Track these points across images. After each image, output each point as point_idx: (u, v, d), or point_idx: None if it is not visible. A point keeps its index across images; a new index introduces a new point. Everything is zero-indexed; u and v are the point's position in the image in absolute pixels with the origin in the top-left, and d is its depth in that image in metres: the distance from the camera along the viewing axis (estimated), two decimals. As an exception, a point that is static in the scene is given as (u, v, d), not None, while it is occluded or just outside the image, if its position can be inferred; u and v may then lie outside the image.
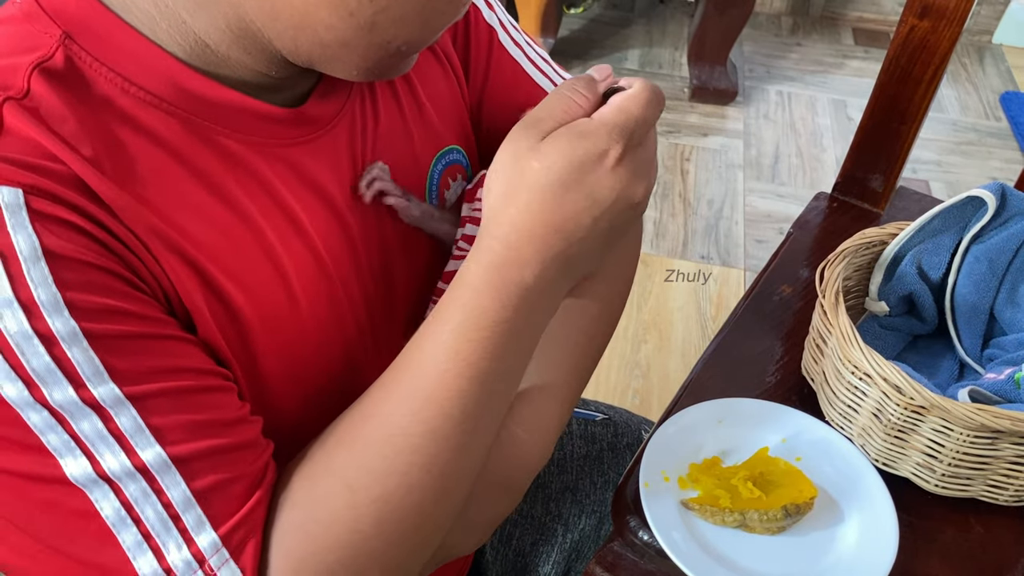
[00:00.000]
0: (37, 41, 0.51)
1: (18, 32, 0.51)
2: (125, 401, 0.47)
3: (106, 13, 0.52)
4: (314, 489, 0.52)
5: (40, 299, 0.45)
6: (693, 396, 0.80)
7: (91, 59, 0.52)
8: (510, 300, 0.54)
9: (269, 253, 0.58)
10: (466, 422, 0.54)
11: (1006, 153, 2.61)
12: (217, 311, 0.55)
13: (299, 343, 0.60)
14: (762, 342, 0.88)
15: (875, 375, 0.70)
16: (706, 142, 2.57)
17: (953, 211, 0.82)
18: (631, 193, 0.55)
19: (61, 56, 0.51)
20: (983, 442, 0.69)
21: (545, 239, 0.53)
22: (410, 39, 0.54)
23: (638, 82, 0.56)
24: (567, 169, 0.52)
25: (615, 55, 2.91)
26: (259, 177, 0.58)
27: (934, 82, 0.97)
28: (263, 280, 0.58)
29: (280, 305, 0.59)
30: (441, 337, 0.54)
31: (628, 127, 0.53)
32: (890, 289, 0.84)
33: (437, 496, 0.55)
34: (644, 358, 1.93)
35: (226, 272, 0.55)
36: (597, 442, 0.96)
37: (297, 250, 0.60)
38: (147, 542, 0.47)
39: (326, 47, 0.53)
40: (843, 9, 3.18)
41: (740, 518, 0.68)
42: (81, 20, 0.52)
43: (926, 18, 0.94)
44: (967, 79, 2.93)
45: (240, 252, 0.56)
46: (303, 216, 0.60)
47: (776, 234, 2.26)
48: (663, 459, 0.72)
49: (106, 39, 0.52)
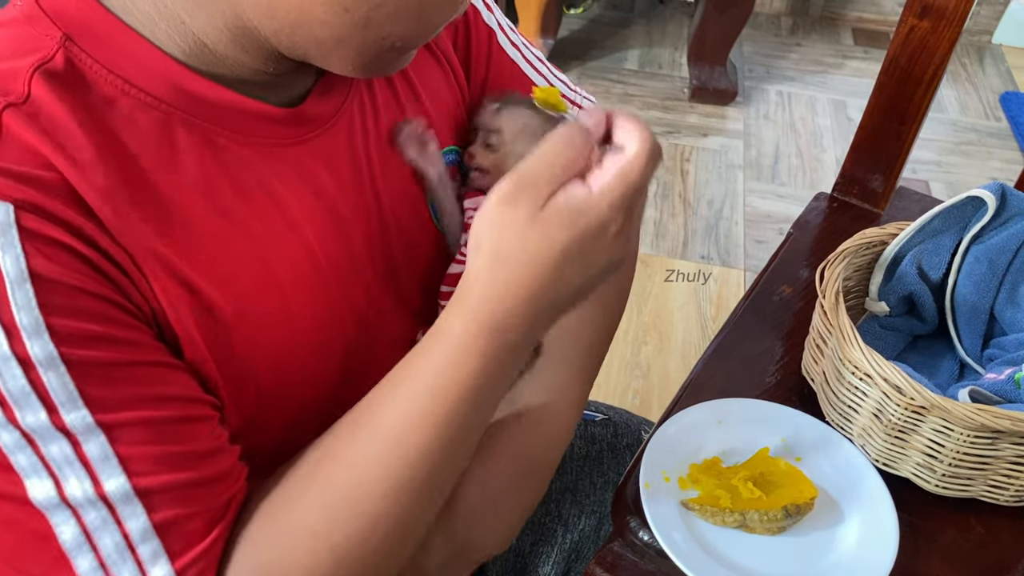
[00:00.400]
0: (38, 43, 0.51)
1: (19, 34, 0.51)
2: (96, 429, 0.47)
3: (106, 15, 0.52)
4: (274, 529, 0.53)
5: (21, 322, 0.45)
6: (693, 396, 0.80)
7: (91, 61, 0.52)
8: (495, 359, 0.53)
9: (263, 257, 0.58)
10: (432, 475, 0.54)
11: (1006, 153, 2.61)
12: (207, 326, 0.55)
13: (293, 348, 0.60)
14: (762, 342, 0.88)
15: (875, 375, 0.70)
16: (706, 142, 2.57)
17: (953, 211, 0.82)
18: (624, 252, 0.54)
19: (61, 58, 0.51)
20: (983, 442, 0.69)
21: (538, 307, 0.52)
22: (406, 35, 0.54)
23: (637, 137, 0.52)
24: (568, 245, 0.51)
25: (615, 55, 2.91)
26: (258, 178, 0.58)
27: (934, 82, 0.97)
28: (256, 286, 0.57)
29: (272, 310, 0.58)
30: (417, 389, 0.53)
31: (628, 197, 0.52)
32: (890, 289, 0.84)
33: (396, 542, 0.55)
34: (644, 359, 1.93)
35: (218, 282, 0.55)
36: (597, 442, 0.95)
37: (293, 252, 0.60)
38: (102, 570, 0.48)
39: (322, 44, 0.53)
40: (843, 9, 3.18)
41: (740, 518, 0.68)
42: (81, 22, 0.52)
43: (926, 18, 0.94)
44: (967, 79, 2.93)
45: (233, 257, 0.56)
46: (301, 217, 0.60)
47: (776, 234, 2.26)
48: (663, 459, 0.72)
49: (106, 41, 0.52)
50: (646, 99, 2.72)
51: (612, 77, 2.80)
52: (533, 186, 0.51)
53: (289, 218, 0.59)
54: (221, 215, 0.56)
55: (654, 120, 2.63)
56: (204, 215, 0.55)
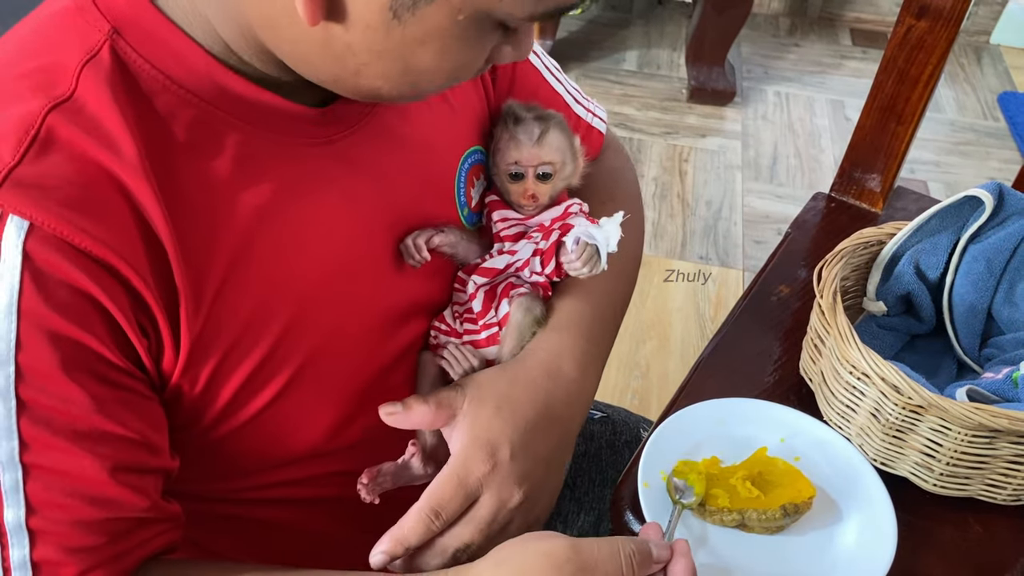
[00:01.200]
0: (86, 35, 0.52)
1: (70, 24, 0.53)
2: (17, 464, 0.50)
3: (153, 10, 0.54)
4: None
5: None
6: (692, 396, 0.80)
7: (136, 55, 0.53)
8: None
9: (298, 257, 0.60)
10: None
11: (1004, 153, 2.61)
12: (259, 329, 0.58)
13: (328, 346, 0.62)
14: (760, 342, 0.88)
15: (873, 375, 0.70)
16: (704, 143, 2.57)
17: (951, 211, 0.82)
18: None
19: (108, 51, 0.52)
20: (981, 441, 0.69)
21: None
22: (397, 94, 0.56)
23: None
24: None
25: (613, 56, 2.91)
26: (289, 176, 0.59)
27: (932, 82, 0.97)
28: (292, 286, 0.59)
29: (298, 310, 0.60)
30: None
31: None
32: (888, 289, 0.84)
33: None
34: (643, 358, 1.93)
35: (271, 285, 0.58)
36: (595, 440, 0.96)
37: (322, 251, 0.61)
38: None
39: (322, 80, 0.55)
40: (840, 10, 3.18)
41: (739, 518, 0.68)
42: (129, 16, 0.53)
43: (923, 18, 0.94)
44: (965, 79, 2.93)
45: (255, 263, 0.58)
46: (329, 216, 0.61)
47: (774, 234, 2.26)
48: (662, 459, 0.72)
49: (151, 35, 0.53)
50: (644, 100, 2.72)
51: (611, 78, 2.80)
52: (590, 572, 0.54)
53: (319, 217, 0.60)
54: (257, 214, 0.57)
55: (652, 121, 2.63)
56: (244, 215, 0.57)
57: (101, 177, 0.50)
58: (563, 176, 0.71)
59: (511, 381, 0.66)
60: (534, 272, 0.71)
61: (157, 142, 0.53)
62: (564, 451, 0.70)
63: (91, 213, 0.50)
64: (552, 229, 0.70)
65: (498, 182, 0.73)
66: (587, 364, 0.71)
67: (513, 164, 0.70)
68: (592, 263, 0.67)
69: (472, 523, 0.61)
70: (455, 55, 0.52)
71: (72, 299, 0.49)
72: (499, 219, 0.72)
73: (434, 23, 0.49)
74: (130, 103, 0.52)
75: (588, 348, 0.72)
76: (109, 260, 0.50)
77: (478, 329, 0.70)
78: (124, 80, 0.52)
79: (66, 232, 0.49)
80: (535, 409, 0.65)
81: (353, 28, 0.49)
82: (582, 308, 0.73)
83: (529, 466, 0.63)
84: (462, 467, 0.61)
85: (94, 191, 0.50)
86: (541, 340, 0.70)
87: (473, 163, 0.73)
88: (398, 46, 0.50)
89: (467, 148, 0.73)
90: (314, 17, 0.48)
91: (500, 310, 0.70)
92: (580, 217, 0.71)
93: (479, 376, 0.67)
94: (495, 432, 0.62)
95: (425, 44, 0.51)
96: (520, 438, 0.63)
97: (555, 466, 0.68)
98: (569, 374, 0.69)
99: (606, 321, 0.77)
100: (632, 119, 2.63)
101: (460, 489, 0.60)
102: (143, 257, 0.52)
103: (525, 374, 0.67)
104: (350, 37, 0.50)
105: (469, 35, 0.51)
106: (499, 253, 0.72)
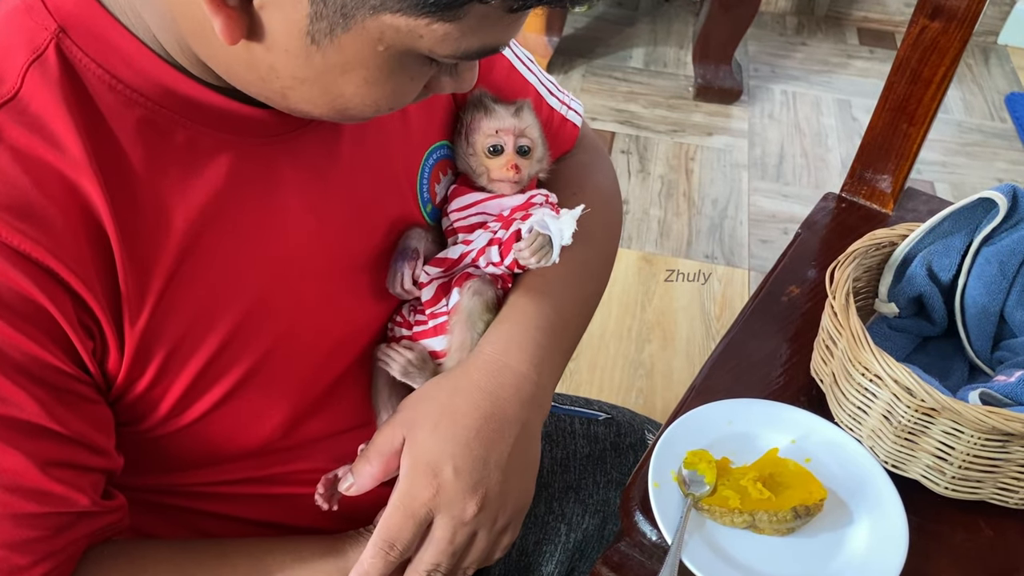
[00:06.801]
0: (33, 35, 0.52)
1: (17, 25, 0.53)
2: None
3: (102, 12, 0.53)
4: None
5: None
6: (701, 397, 0.80)
7: (82, 54, 0.53)
8: None
9: (248, 256, 0.59)
10: None
11: (1011, 154, 2.60)
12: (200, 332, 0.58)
13: (282, 345, 0.62)
14: (770, 343, 0.88)
15: (886, 377, 0.69)
16: (710, 141, 2.56)
17: (964, 213, 0.82)
18: None
19: (53, 50, 0.52)
20: (994, 445, 0.69)
21: None
22: (328, 118, 0.55)
23: None
24: None
25: (620, 53, 2.90)
26: (239, 175, 0.58)
27: (944, 83, 0.97)
28: (240, 284, 0.59)
29: (251, 306, 0.60)
30: None
31: None
32: (899, 290, 0.84)
33: None
34: (648, 358, 1.93)
35: (221, 287, 0.57)
36: (600, 442, 0.95)
37: (273, 248, 0.61)
38: None
39: (254, 95, 0.55)
40: (848, 9, 3.17)
41: (749, 519, 0.68)
42: (77, 16, 0.53)
43: (937, 19, 0.94)
44: (972, 80, 2.92)
45: (202, 261, 0.57)
46: (281, 213, 0.61)
47: (780, 234, 2.25)
48: (672, 460, 0.71)
49: (99, 36, 0.53)
50: (651, 98, 2.71)
51: (617, 75, 2.79)
52: None
53: (269, 215, 0.60)
54: (204, 212, 0.57)
55: (659, 118, 2.63)
56: (190, 213, 0.56)
57: (47, 176, 0.50)
58: (536, 158, 0.70)
59: (452, 391, 0.65)
60: (490, 262, 0.68)
61: (103, 141, 0.52)
62: (524, 451, 0.67)
63: (33, 215, 0.49)
64: (512, 219, 0.68)
65: (473, 164, 0.71)
66: (542, 358, 0.68)
67: (492, 135, 0.68)
68: (542, 254, 0.65)
69: (432, 545, 0.61)
70: (381, 86, 0.51)
71: (12, 302, 0.49)
72: (456, 208, 0.71)
73: (354, 52, 0.49)
74: (76, 102, 0.52)
75: (542, 340, 0.69)
76: (49, 264, 0.49)
77: (426, 319, 0.69)
78: (70, 79, 0.52)
79: (5, 235, 0.48)
80: (479, 416, 0.63)
81: (274, 50, 0.49)
82: (539, 300, 0.70)
83: (481, 475, 0.62)
84: (407, 495, 0.61)
85: (38, 192, 0.50)
86: (489, 335, 0.68)
87: (439, 158, 0.72)
88: (320, 73, 0.50)
89: (432, 143, 0.72)
90: (232, 37, 0.48)
91: (451, 299, 0.69)
92: (542, 208, 0.69)
93: (416, 394, 0.66)
94: (434, 453, 0.61)
95: (347, 73, 0.50)
96: (463, 451, 0.62)
97: (515, 468, 0.65)
98: (517, 369, 0.66)
99: (566, 316, 0.74)
100: (638, 117, 2.63)
101: (408, 519, 0.60)
102: (87, 258, 0.51)
103: (467, 381, 0.65)
104: (272, 59, 0.49)
105: (393, 67, 0.50)
106: (452, 244, 0.71)
